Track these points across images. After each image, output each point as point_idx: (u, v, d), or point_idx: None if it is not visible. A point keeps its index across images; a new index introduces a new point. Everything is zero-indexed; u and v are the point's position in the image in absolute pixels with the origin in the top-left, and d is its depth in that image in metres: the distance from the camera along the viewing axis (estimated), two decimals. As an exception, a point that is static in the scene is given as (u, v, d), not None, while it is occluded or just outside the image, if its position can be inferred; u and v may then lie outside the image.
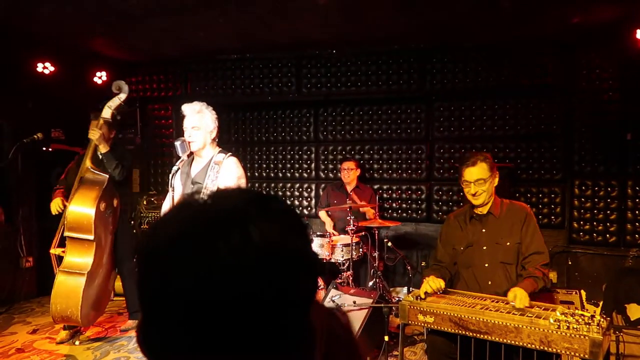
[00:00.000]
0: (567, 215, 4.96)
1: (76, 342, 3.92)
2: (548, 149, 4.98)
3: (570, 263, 4.87)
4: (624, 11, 4.04)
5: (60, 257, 3.75)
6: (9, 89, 4.95)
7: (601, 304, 3.95)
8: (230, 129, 6.14)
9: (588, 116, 4.78)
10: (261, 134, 6.08)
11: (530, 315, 2.16)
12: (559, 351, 2.00)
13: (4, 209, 5.01)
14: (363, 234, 4.71)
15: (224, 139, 5.67)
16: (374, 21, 4.49)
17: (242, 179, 3.06)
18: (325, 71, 5.57)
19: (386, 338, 3.08)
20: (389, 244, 4.65)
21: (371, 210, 4.92)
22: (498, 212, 2.68)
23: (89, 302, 3.67)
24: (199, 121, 3.02)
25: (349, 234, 4.35)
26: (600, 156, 4.76)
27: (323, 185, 5.78)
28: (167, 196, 3.05)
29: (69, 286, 3.61)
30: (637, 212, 4.66)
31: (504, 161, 5.02)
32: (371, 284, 4.51)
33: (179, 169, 2.93)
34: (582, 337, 1.95)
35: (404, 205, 5.56)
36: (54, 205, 3.88)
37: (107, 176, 3.79)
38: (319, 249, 4.43)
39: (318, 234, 4.57)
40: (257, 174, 6.13)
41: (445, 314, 2.32)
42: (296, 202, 5.97)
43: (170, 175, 2.86)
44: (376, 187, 5.55)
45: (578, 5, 3.97)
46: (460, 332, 2.27)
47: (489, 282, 2.62)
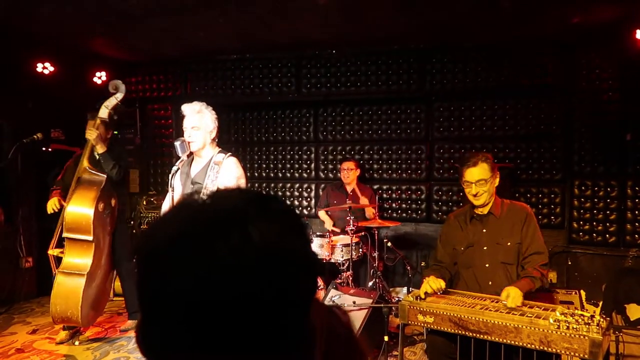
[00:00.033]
0: (566, 215, 4.96)
1: (76, 343, 3.92)
2: (548, 149, 4.98)
3: (570, 263, 4.87)
4: (624, 11, 4.04)
5: (58, 258, 3.75)
6: (9, 89, 4.95)
7: (601, 304, 3.95)
8: (230, 129, 6.14)
9: (588, 116, 4.78)
10: (261, 134, 6.08)
11: (530, 316, 2.16)
12: (558, 351, 2.01)
13: (3, 209, 5.00)
14: (363, 234, 4.71)
15: (224, 139, 5.66)
16: (374, 21, 4.49)
17: (242, 179, 3.06)
18: (325, 71, 5.56)
19: (386, 338, 3.08)
20: (389, 244, 4.65)
21: (371, 210, 4.92)
22: (499, 213, 2.69)
23: (88, 303, 3.67)
24: (199, 121, 3.02)
25: (348, 234, 4.35)
26: (600, 156, 4.76)
27: (323, 186, 5.77)
28: (167, 196, 3.05)
29: (69, 287, 3.62)
30: (636, 212, 4.66)
31: (503, 161, 5.02)
32: (371, 284, 4.51)
33: (178, 169, 2.93)
34: (581, 337, 1.95)
35: (403, 206, 5.55)
36: (50, 205, 3.88)
37: (104, 176, 3.79)
38: (318, 249, 4.43)
39: (318, 234, 4.57)
40: (257, 174, 6.13)
41: (445, 314, 2.32)
42: (296, 202, 5.97)
43: (170, 176, 2.86)
44: (376, 187, 5.55)
45: (578, 5, 3.97)
46: (460, 332, 2.27)
47: (490, 283, 2.62)
